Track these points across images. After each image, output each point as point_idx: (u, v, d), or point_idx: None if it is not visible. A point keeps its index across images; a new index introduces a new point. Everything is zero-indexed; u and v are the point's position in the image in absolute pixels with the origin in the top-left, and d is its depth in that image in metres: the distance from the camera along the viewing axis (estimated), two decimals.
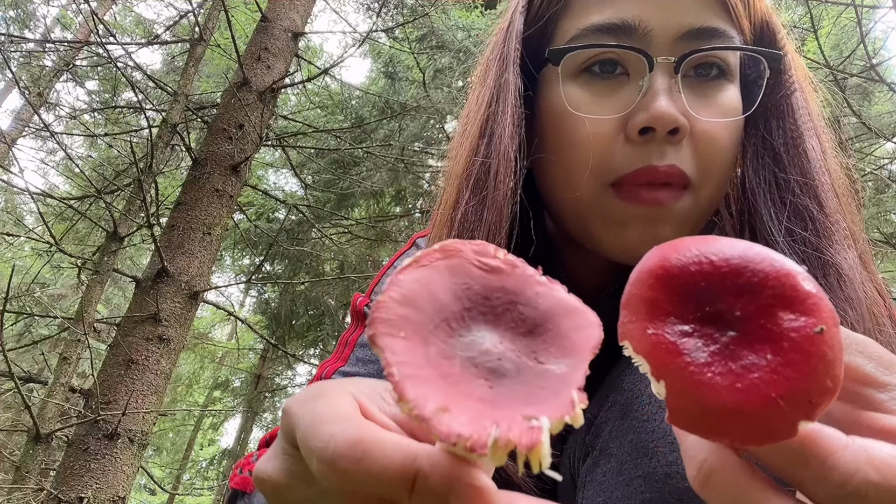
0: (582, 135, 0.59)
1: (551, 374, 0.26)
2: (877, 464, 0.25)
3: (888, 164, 8.36)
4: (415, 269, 0.26)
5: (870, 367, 0.30)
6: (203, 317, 11.81)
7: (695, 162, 0.58)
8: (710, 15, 0.59)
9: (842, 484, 0.24)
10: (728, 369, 0.25)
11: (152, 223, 3.19)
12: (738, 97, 0.61)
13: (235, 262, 8.44)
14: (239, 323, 4.97)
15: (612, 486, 0.51)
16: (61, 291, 8.23)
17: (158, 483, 4.24)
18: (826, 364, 0.25)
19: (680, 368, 0.26)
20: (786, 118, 0.62)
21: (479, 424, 0.22)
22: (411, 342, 0.24)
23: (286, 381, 11.27)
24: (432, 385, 0.23)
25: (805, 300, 0.26)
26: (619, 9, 0.59)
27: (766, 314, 0.26)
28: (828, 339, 0.25)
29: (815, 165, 0.60)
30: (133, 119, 6.23)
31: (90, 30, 5.50)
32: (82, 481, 2.75)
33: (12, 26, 7.01)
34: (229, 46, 4.90)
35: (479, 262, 0.28)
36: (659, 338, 0.27)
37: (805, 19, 4.66)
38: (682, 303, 0.27)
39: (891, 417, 0.28)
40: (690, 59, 0.58)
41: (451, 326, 0.26)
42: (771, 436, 0.24)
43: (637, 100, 0.58)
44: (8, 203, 8.38)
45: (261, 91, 3.76)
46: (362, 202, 7.32)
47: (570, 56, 0.60)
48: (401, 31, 5.92)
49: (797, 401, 0.24)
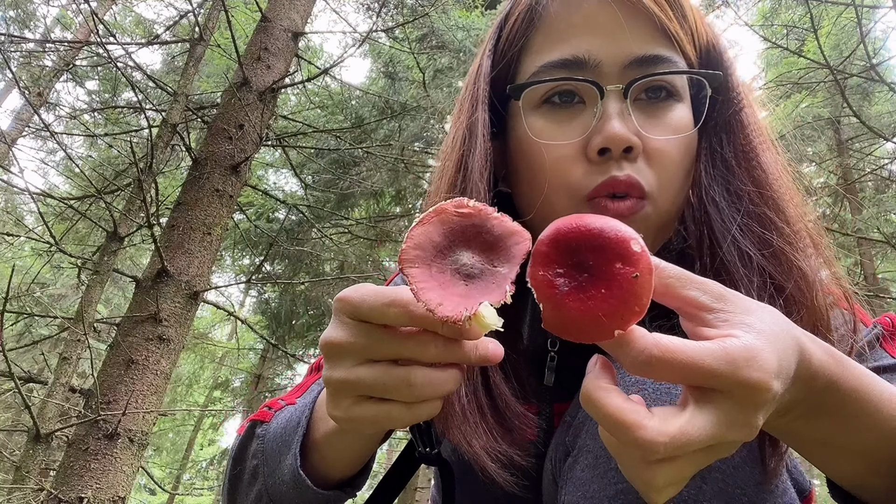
0: (546, 159, 0.67)
1: (499, 273, 0.45)
2: (660, 346, 0.39)
3: (888, 164, 8.35)
4: (420, 226, 0.46)
5: (704, 298, 0.43)
6: (203, 317, 11.81)
7: (651, 175, 0.66)
8: (654, 44, 0.67)
9: (636, 356, 0.40)
10: (579, 297, 0.41)
11: (152, 223, 3.19)
12: (686, 115, 0.69)
13: (235, 262, 8.44)
14: (239, 323, 4.97)
15: (590, 479, 0.57)
16: (61, 291, 8.23)
17: (158, 483, 4.24)
18: (635, 297, 0.40)
19: (552, 295, 0.41)
20: (735, 133, 0.70)
21: (457, 310, 0.42)
22: (421, 269, 0.44)
23: (286, 381, 11.27)
24: (434, 292, 0.43)
25: (631, 256, 0.40)
26: (571, 45, 0.68)
27: (607, 264, 0.41)
28: (640, 281, 0.40)
29: (772, 178, 0.67)
30: (133, 119, 6.23)
31: (90, 30, 5.50)
32: (82, 481, 2.75)
33: (12, 26, 7.01)
34: (229, 46, 4.90)
35: (456, 212, 0.46)
36: (544, 277, 0.42)
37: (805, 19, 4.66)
38: (561, 255, 0.42)
39: (710, 329, 0.42)
40: (638, 84, 0.66)
41: (444, 254, 0.45)
42: (598, 337, 0.40)
43: (593, 124, 0.66)
44: (8, 203, 8.38)
45: (261, 91, 3.76)
46: (362, 202, 7.32)
47: (531, 90, 0.69)
48: (401, 31, 5.92)
49: (614, 317, 0.40)
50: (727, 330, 0.41)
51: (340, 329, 0.48)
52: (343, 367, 0.48)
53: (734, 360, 0.39)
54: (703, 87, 0.70)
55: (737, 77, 0.72)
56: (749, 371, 0.39)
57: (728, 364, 0.38)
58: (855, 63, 5.72)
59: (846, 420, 0.48)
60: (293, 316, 7.61)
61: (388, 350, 0.47)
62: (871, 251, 7.99)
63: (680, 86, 0.69)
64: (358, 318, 0.47)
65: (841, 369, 0.47)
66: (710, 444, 0.39)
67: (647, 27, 0.67)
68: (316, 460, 0.67)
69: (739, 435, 0.40)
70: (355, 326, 0.48)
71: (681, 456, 0.39)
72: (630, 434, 0.38)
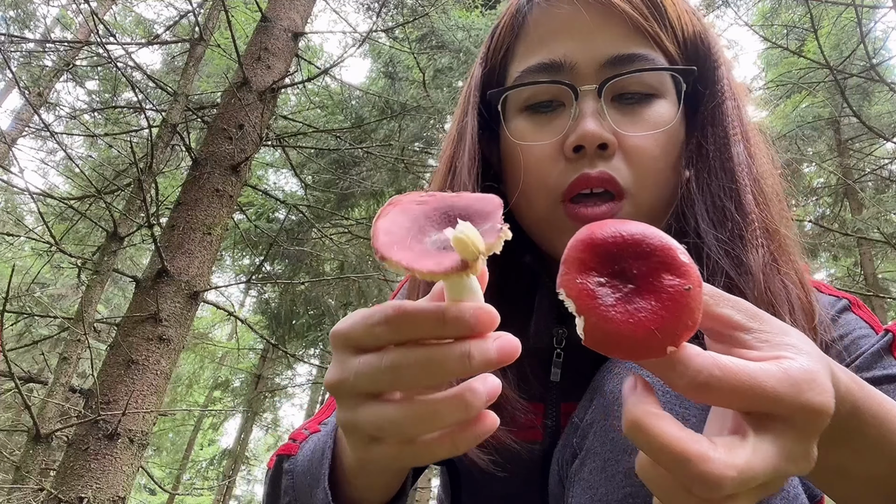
0: (527, 160, 0.69)
1: (484, 225, 0.41)
2: (720, 365, 0.36)
3: (888, 164, 8.35)
4: (379, 219, 0.41)
5: (738, 317, 0.40)
6: (203, 317, 11.81)
7: (629, 172, 0.66)
8: (629, 43, 0.68)
9: (694, 377, 0.36)
10: (626, 310, 0.37)
11: (152, 223, 3.19)
12: (667, 110, 0.69)
13: (235, 262, 8.44)
14: (239, 323, 4.97)
15: (597, 483, 0.55)
16: (61, 291, 8.23)
17: (158, 483, 4.24)
18: (688, 311, 0.37)
19: (594, 307, 0.37)
20: (717, 125, 0.70)
21: (439, 265, 0.37)
22: (400, 247, 0.39)
23: (286, 381, 11.28)
24: (417, 261, 0.38)
25: (680, 266, 0.38)
26: (550, 50, 0.70)
27: (654, 274, 0.38)
28: (692, 294, 0.37)
29: (738, 169, 0.67)
30: (133, 119, 6.22)
31: (90, 30, 5.50)
32: (82, 481, 2.75)
33: (12, 26, 7.01)
34: (229, 46, 4.90)
35: (416, 201, 0.43)
36: (583, 286, 0.38)
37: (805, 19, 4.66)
38: (600, 263, 0.39)
39: (750, 351, 0.39)
40: (615, 84, 0.67)
41: (418, 237, 0.41)
42: (649, 354, 0.36)
43: (569, 124, 0.67)
44: (8, 203, 8.38)
45: (261, 91, 3.76)
46: (362, 202, 7.33)
47: (514, 94, 0.72)
48: (401, 31, 5.92)
49: (667, 333, 0.36)
50: (772, 352, 0.38)
51: (335, 366, 0.43)
52: (345, 406, 0.43)
53: (797, 382, 0.36)
54: (685, 83, 0.71)
55: (724, 69, 0.72)
56: (812, 395, 0.36)
57: (791, 387, 0.36)
58: (855, 63, 5.72)
59: (865, 446, 0.45)
60: (293, 316, 7.62)
61: (386, 379, 0.40)
62: (871, 251, 7.99)
63: (658, 82, 0.69)
64: (352, 348, 0.42)
65: (863, 394, 0.44)
66: (771, 477, 0.36)
67: (622, 27, 0.68)
68: (348, 490, 0.62)
69: (798, 467, 0.37)
70: (349, 360, 0.42)
71: (741, 494, 0.36)
72: (694, 468, 0.34)
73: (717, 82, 0.71)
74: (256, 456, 14.19)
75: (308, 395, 13.77)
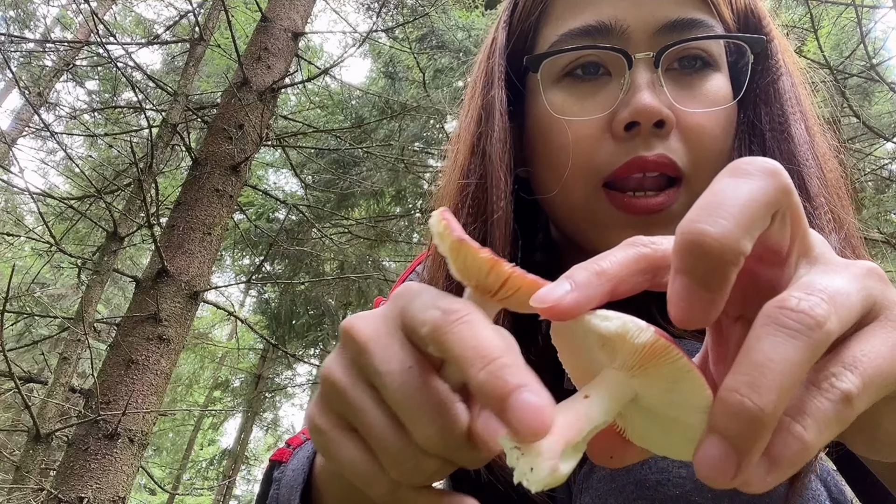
0: (568, 138, 0.59)
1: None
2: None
3: (888, 164, 8.35)
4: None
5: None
6: (203, 317, 11.81)
7: (686, 153, 0.58)
8: (687, 7, 0.59)
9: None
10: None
11: (152, 223, 3.19)
12: (725, 85, 0.61)
13: (235, 262, 8.44)
14: (239, 323, 4.97)
15: (607, 492, 0.53)
16: (61, 291, 8.23)
17: (158, 483, 4.24)
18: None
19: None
20: (772, 103, 0.62)
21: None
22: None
23: (286, 381, 11.27)
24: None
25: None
26: (595, 11, 0.60)
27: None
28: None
29: (800, 150, 0.60)
30: (133, 119, 6.23)
31: (90, 30, 5.50)
32: (82, 481, 2.75)
33: (12, 26, 7.01)
34: (229, 46, 4.90)
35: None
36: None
37: (805, 19, 4.66)
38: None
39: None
40: (671, 52, 0.58)
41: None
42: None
43: (620, 97, 0.58)
44: (8, 203, 8.38)
45: (261, 91, 3.76)
46: (362, 202, 7.32)
47: (550, 62, 0.61)
48: (401, 31, 5.92)
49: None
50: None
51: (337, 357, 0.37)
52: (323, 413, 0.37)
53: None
54: (743, 54, 0.63)
55: (777, 44, 0.64)
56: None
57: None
58: (855, 63, 5.71)
59: None
60: (293, 316, 7.62)
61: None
62: (872, 251, 7.99)
63: (717, 53, 0.61)
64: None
65: None
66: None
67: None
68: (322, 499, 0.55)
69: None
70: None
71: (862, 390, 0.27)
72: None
73: (770, 56, 0.63)
74: (256, 456, 14.19)
75: (308, 395, 13.78)
